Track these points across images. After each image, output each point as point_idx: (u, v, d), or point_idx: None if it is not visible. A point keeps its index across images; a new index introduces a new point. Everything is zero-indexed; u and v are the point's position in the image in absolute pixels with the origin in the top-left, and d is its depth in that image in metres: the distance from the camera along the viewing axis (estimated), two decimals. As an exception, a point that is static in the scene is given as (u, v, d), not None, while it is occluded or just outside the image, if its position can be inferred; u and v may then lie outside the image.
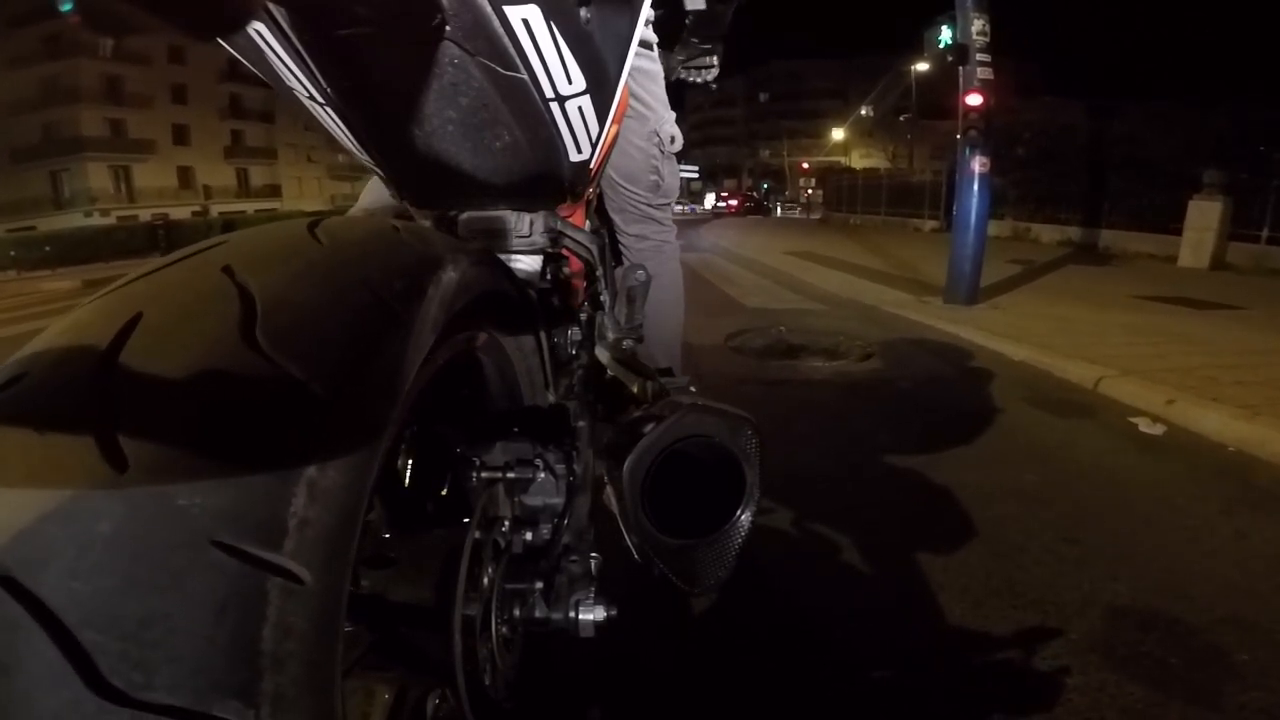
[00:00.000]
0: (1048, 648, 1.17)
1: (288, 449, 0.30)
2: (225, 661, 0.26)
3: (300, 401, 0.31)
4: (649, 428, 0.70)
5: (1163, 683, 1.09)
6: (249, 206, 29.47)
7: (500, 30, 0.53)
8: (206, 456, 0.28)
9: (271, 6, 0.50)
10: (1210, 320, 4.03)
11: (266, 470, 0.29)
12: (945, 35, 4.66)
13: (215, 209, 28.10)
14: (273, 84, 0.63)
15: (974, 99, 4.41)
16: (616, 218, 1.28)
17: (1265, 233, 6.62)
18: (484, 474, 0.64)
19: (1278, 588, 1.36)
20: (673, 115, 1.23)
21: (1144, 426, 2.35)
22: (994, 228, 6.79)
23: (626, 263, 1.28)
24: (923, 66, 16.33)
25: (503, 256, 0.71)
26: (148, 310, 0.32)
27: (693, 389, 1.30)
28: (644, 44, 1.14)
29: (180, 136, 29.04)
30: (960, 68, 4.45)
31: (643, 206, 1.27)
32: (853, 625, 1.26)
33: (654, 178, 1.23)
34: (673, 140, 1.22)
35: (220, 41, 0.54)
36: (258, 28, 0.54)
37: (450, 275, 0.44)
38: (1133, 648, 1.17)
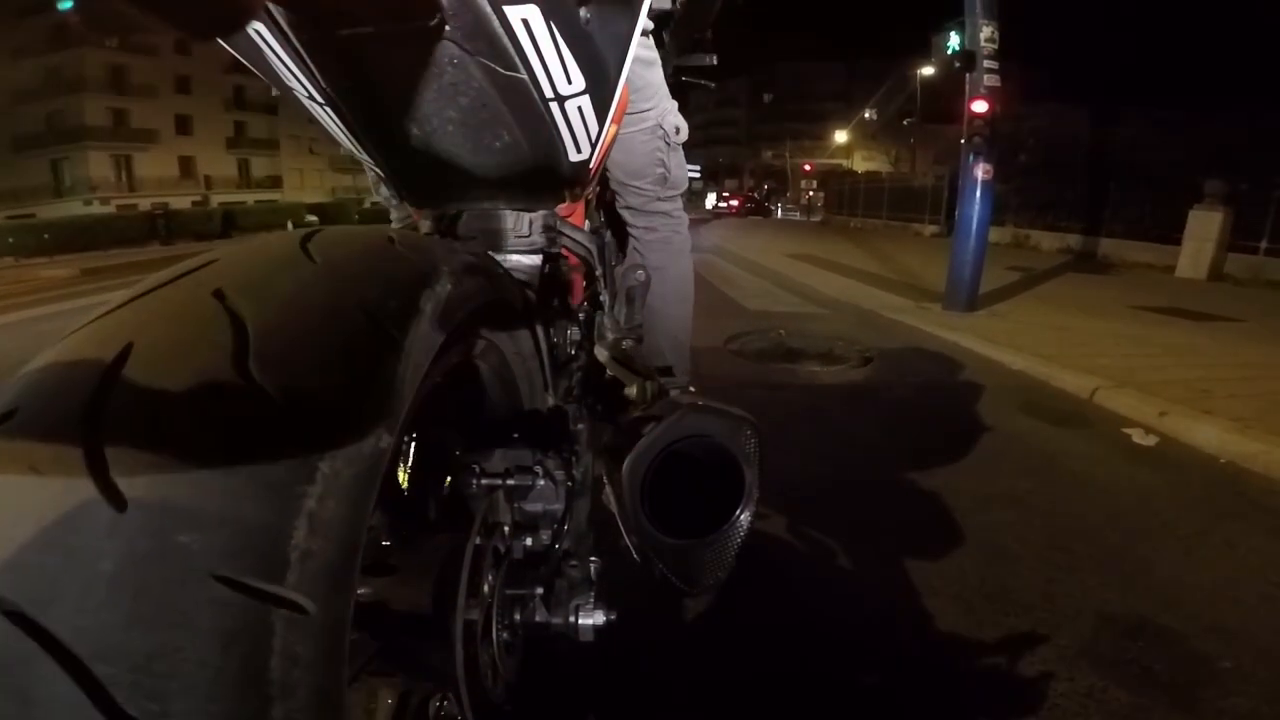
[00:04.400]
0: (1038, 653, 1.18)
1: (286, 481, 0.29)
2: (236, 691, 0.26)
3: (296, 432, 0.31)
4: (648, 428, 0.70)
5: (1148, 688, 1.11)
6: (249, 197, 29.39)
7: (500, 30, 0.53)
8: (204, 492, 0.28)
9: (271, 6, 0.50)
10: (1206, 332, 4.04)
11: (265, 504, 0.29)
12: (954, 41, 4.63)
13: (216, 199, 28.01)
14: (272, 84, 0.63)
15: (979, 106, 4.39)
16: (625, 214, 1.25)
17: (1264, 244, 6.63)
18: (484, 481, 0.64)
19: (1262, 597, 1.38)
20: (674, 105, 1.19)
21: (1137, 438, 2.37)
22: (994, 234, 6.80)
23: (636, 256, 1.25)
24: (928, 71, 16.32)
25: (502, 256, 0.70)
26: (138, 340, 0.31)
27: (692, 389, 1.31)
28: (640, 32, 1.12)
29: (183, 126, 28.96)
30: (967, 74, 4.43)
31: (651, 200, 1.23)
32: (847, 628, 1.27)
33: (660, 170, 1.20)
34: (678, 131, 1.18)
35: (220, 42, 0.54)
36: (257, 28, 0.54)
37: (447, 289, 0.44)
38: (1120, 654, 1.19)
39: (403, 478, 0.60)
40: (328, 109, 0.62)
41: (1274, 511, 1.80)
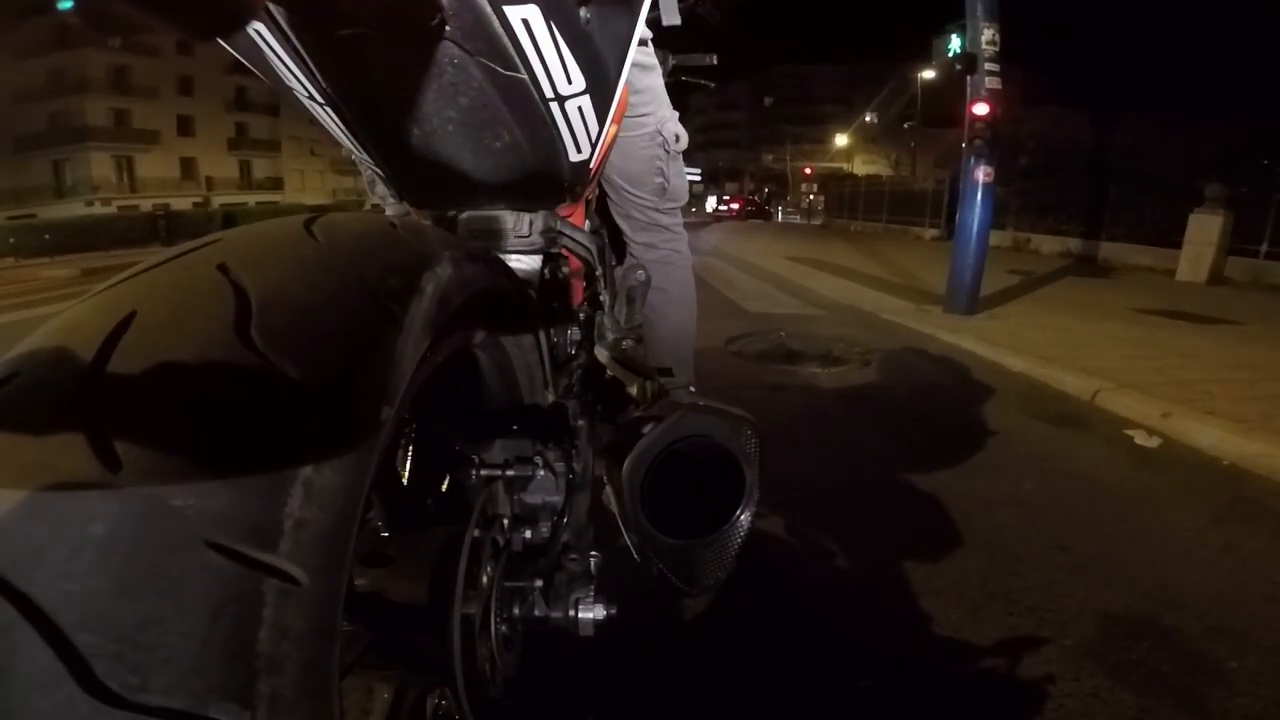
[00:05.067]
0: (1042, 654, 1.18)
1: (283, 449, 0.29)
2: (221, 663, 0.26)
3: (295, 401, 0.31)
4: (648, 427, 0.69)
5: (1153, 689, 1.10)
6: (250, 199, 29.45)
7: (500, 30, 0.53)
8: (200, 457, 0.28)
9: (271, 6, 0.50)
10: (1207, 334, 4.04)
11: (261, 470, 0.28)
12: (954, 44, 4.64)
13: (217, 200, 28.07)
14: (273, 84, 0.62)
15: (980, 108, 4.39)
16: (623, 224, 1.23)
17: (1264, 247, 6.64)
18: (483, 472, 0.64)
19: (1266, 598, 1.38)
20: (675, 114, 1.18)
21: (1140, 439, 2.36)
22: (994, 237, 6.80)
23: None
24: (929, 74, 16.35)
25: (502, 256, 0.70)
26: (141, 308, 0.32)
27: (693, 389, 1.30)
28: (639, 40, 1.10)
29: (185, 128, 29.02)
30: (968, 77, 4.43)
31: (649, 212, 1.21)
32: (850, 629, 1.27)
33: (659, 180, 1.18)
34: (677, 139, 1.16)
35: (220, 42, 0.54)
36: (258, 28, 0.54)
37: (447, 272, 0.44)
38: (1125, 655, 1.18)
39: (401, 468, 0.59)
40: (328, 109, 0.62)
41: (1277, 513, 1.79)
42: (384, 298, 0.37)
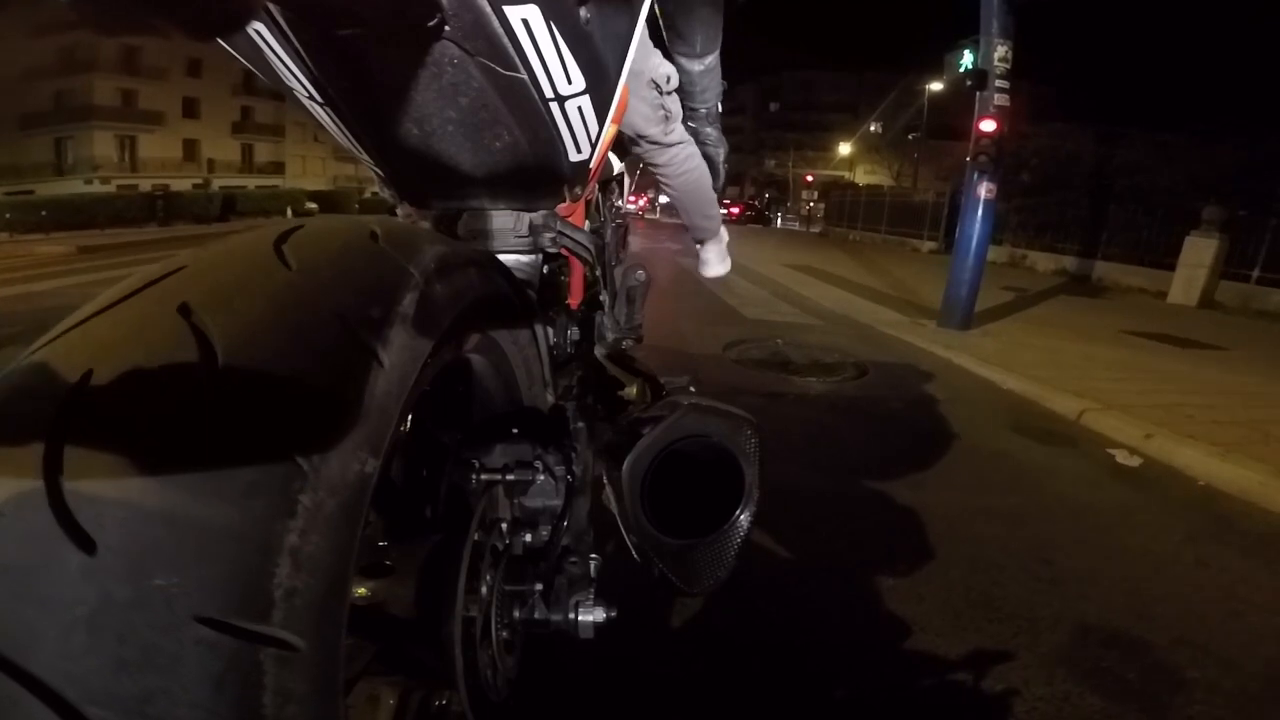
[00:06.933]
0: (1018, 659, 1.23)
1: (264, 517, 0.28)
2: None
3: (273, 464, 0.29)
4: (648, 427, 0.71)
5: (1120, 695, 1.16)
6: (251, 182, 29.29)
7: (500, 30, 0.53)
8: (178, 531, 0.26)
9: (271, 6, 0.49)
10: (1192, 359, 4.11)
11: (244, 542, 0.27)
12: (966, 59, 4.61)
13: (217, 183, 27.89)
14: (272, 83, 0.63)
15: (988, 125, 4.41)
16: (638, 160, 1.33)
17: (1256, 273, 6.71)
18: (483, 476, 0.63)
19: (1230, 613, 1.44)
20: (659, 52, 1.21)
21: (1121, 458, 2.42)
22: (991, 253, 6.83)
23: (664, 185, 1.36)
24: (936, 87, 16.38)
25: (501, 257, 0.70)
26: (98, 367, 0.29)
27: (692, 389, 1.33)
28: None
29: (190, 109, 28.83)
30: (978, 93, 4.45)
31: (660, 144, 1.28)
32: (839, 633, 1.31)
33: (662, 113, 1.23)
34: (669, 79, 1.19)
35: (220, 42, 0.54)
36: (257, 28, 0.54)
37: (435, 289, 0.41)
38: (1095, 662, 1.24)
39: (399, 474, 0.59)
40: (327, 109, 0.62)
41: (1246, 533, 1.85)
42: (365, 335, 0.34)
